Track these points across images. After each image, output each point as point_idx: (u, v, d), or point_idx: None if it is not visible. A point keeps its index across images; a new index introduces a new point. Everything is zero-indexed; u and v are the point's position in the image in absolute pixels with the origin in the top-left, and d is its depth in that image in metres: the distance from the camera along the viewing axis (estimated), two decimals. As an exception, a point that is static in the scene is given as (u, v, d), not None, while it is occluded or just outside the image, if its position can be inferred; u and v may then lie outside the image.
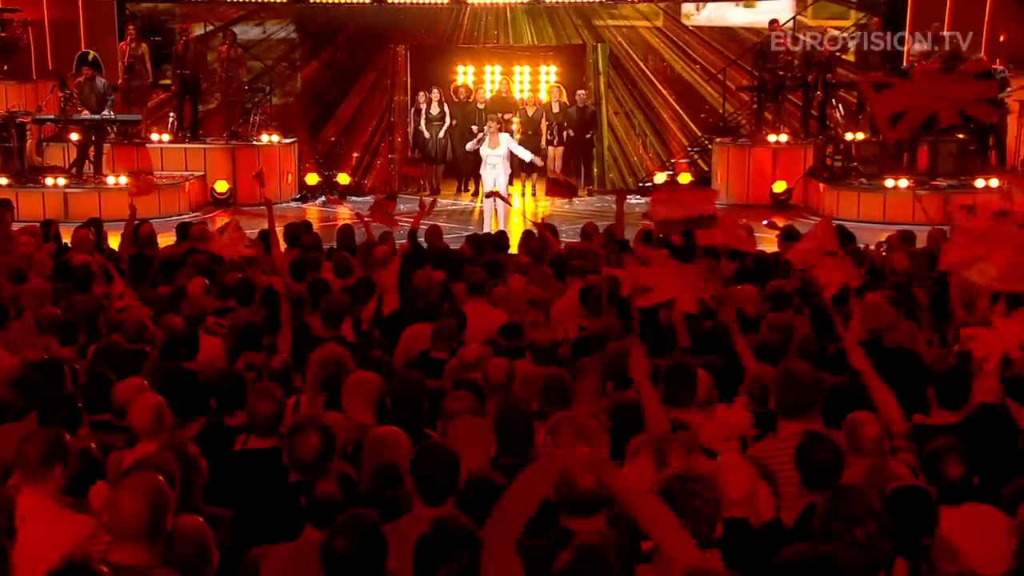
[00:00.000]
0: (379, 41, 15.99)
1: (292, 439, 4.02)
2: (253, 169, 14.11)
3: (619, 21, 15.83)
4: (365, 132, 16.07)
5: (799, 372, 4.45)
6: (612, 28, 15.83)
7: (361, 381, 4.82)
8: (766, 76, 14.35)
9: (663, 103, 15.81)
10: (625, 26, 15.83)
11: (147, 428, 4.36)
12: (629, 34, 15.82)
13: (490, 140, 12.51)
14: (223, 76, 14.68)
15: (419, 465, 3.71)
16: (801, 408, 4.38)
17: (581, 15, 15.92)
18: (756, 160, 14.43)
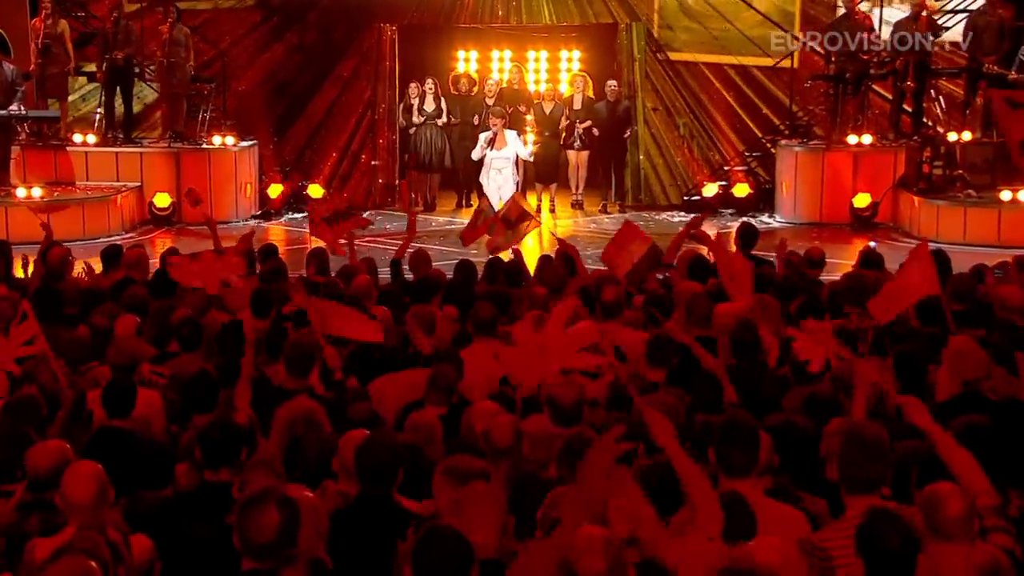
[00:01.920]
0: (360, 20, 16.12)
1: (245, 516, 4.01)
2: (201, 179, 14.41)
3: None
4: (342, 133, 16.23)
5: (869, 435, 4.43)
6: (650, 3, 16.01)
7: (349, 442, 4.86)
8: (845, 62, 14.41)
9: (714, 97, 15.95)
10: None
11: (85, 505, 4.39)
12: (671, 11, 15.98)
13: (496, 139, 12.56)
14: (164, 62, 14.77)
15: (423, 556, 3.72)
16: (872, 482, 4.37)
17: None
18: (832, 167, 14.50)
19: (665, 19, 15.86)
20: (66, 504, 4.43)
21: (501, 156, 12.62)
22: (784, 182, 14.93)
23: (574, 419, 5.42)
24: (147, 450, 5.22)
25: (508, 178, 12.66)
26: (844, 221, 14.07)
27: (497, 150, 12.63)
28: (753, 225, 9.74)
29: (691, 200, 15.48)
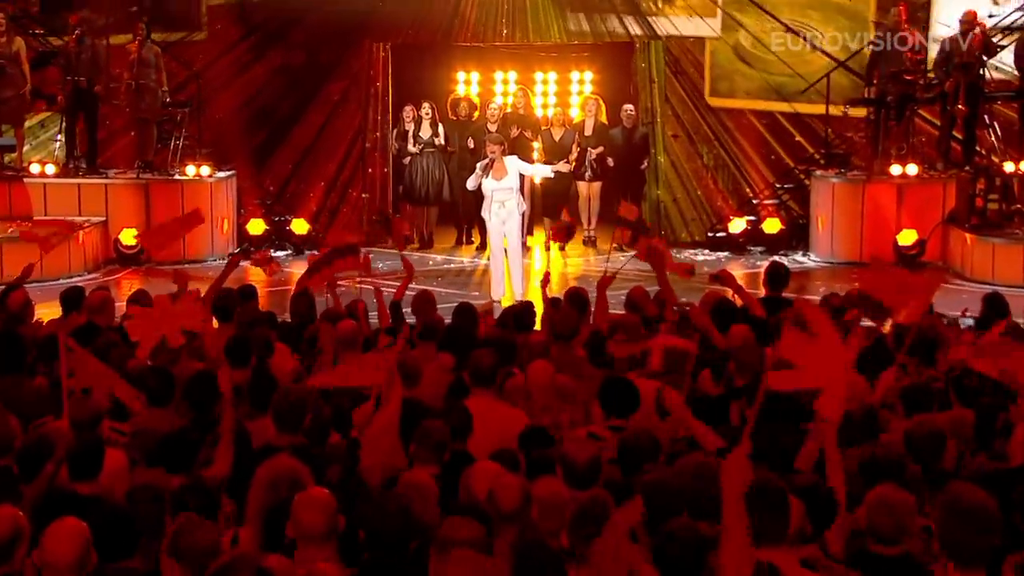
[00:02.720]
0: (350, 38, 16.19)
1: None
2: (171, 213, 14.15)
3: (680, 10, 16.05)
4: (330, 162, 16.29)
5: (974, 502, 4.38)
6: (671, 19, 16.07)
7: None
8: (886, 84, 14.44)
9: (741, 123, 16.03)
10: (689, 16, 16.07)
11: (69, 568, 4.38)
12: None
13: (494, 169, 12.53)
14: (132, 85, 14.81)
15: None
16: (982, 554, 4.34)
17: (627, 1, 16.13)
18: (874, 201, 14.49)
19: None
20: (44, 564, 4.42)
21: (503, 187, 12.51)
22: (820, 217, 14.93)
23: (590, 481, 5.36)
24: (113, 518, 5.15)
25: (513, 211, 12.56)
26: (887, 260, 13.88)
27: (497, 180, 12.53)
28: (783, 265, 9.68)
29: (716, 236, 15.50)
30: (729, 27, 15.79)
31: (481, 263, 14.75)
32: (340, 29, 16.09)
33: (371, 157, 16.27)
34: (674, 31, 16.00)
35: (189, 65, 15.80)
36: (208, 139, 15.62)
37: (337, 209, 16.25)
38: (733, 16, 15.71)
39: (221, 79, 16.10)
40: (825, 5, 15.54)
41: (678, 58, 16.12)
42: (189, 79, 15.75)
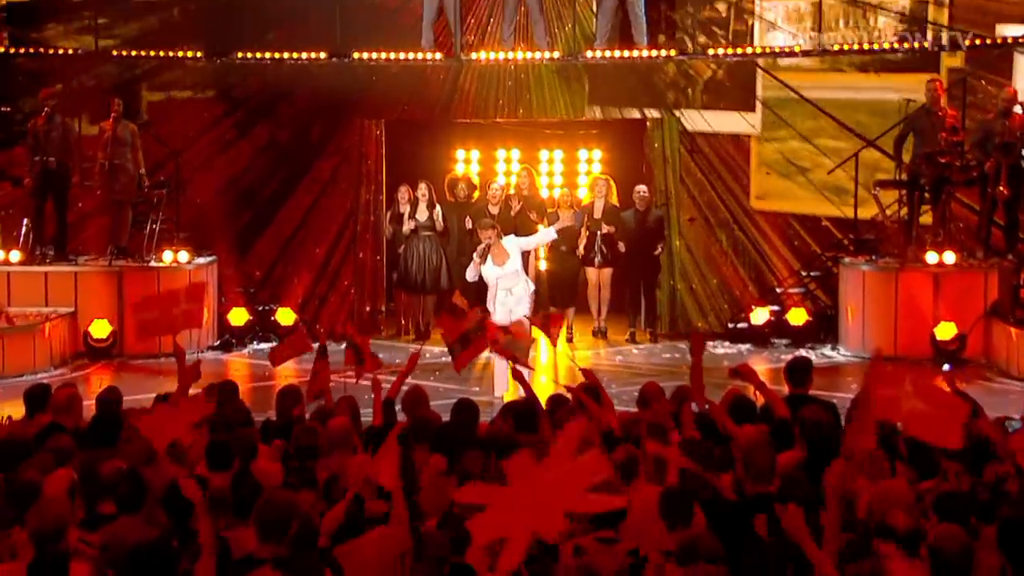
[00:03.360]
0: (341, 114, 16.28)
1: None
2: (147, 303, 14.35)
3: (698, 84, 16.13)
4: (319, 247, 16.31)
5: None
6: (687, 94, 16.13)
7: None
8: (920, 165, 14.44)
9: (760, 197, 16.06)
10: (703, 86, 16.14)
11: None
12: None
13: (493, 254, 12.46)
14: (106, 164, 14.83)
15: None
16: None
17: (638, 75, 16.16)
18: (908, 291, 14.45)
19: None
20: None
21: (507, 272, 12.48)
22: (849, 308, 14.87)
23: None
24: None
25: (522, 297, 12.52)
26: (925, 356, 13.95)
27: (499, 266, 12.50)
28: (807, 359, 9.61)
29: (737, 328, 15.46)
30: (770, 126, 15.97)
31: (481, 356, 14.13)
32: (331, 104, 16.20)
33: (363, 241, 16.34)
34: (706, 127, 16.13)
35: (167, 143, 15.83)
36: (187, 222, 15.66)
37: (326, 297, 16.22)
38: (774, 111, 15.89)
39: (202, 158, 16.18)
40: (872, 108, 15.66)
41: (695, 135, 16.17)
42: (167, 158, 15.77)
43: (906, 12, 15.30)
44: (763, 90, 16.00)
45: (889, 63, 15.47)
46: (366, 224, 16.31)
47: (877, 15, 15.38)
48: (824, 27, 15.37)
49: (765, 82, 15.97)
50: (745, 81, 16.04)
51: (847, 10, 15.46)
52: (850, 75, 15.69)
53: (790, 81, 15.67)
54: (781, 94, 15.80)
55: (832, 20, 15.54)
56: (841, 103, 15.59)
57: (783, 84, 15.64)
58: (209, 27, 15.95)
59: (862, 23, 15.42)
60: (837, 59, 15.62)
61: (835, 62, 15.73)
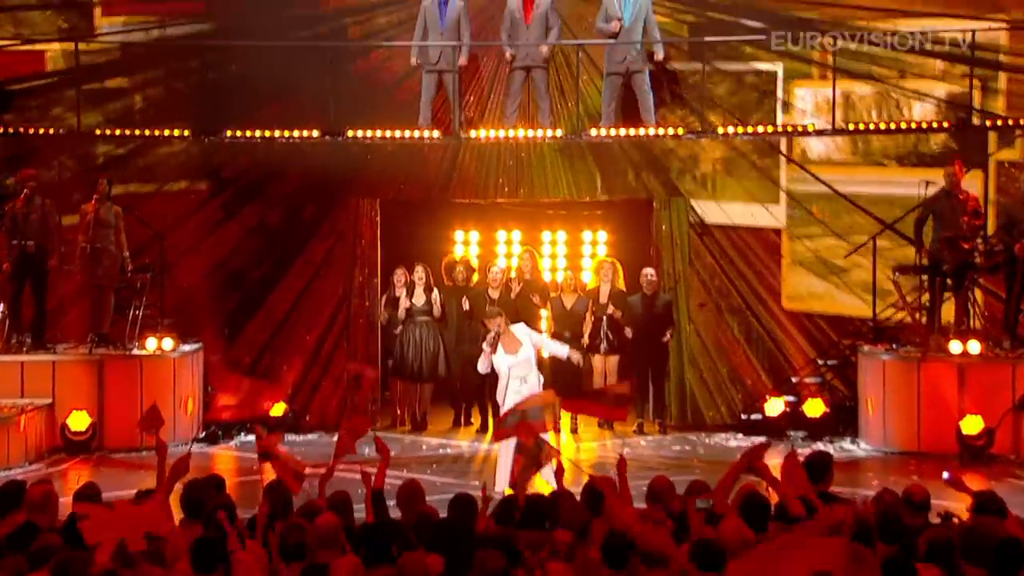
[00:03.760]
0: (335, 194, 16.26)
1: None
2: (128, 394, 14.33)
3: (706, 165, 16.13)
4: (310, 333, 16.17)
5: None
6: (695, 174, 16.12)
7: None
8: (941, 251, 14.32)
9: (777, 289, 15.97)
10: (715, 169, 16.11)
11: None
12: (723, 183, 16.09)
13: (504, 342, 12.22)
14: (87, 248, 14.70)
15: None
16: None
17: (645, 154, 16.15)
18: (931, 382, 14.27)
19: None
20: None
21: (520, 360, 12.19)
22: (869, 399, 14.72)
23: None
24: None
25: (535, 387, 12.22)
26: (950, 451, 13.77)
27: (512, 354, 12.21)
28: (827, 454, 9.44)
29: (750, 420, 15.30)
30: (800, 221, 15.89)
31: (482, 448, 14.62)
32: (324, 184, 16.16)
33: (356, 326, 16.22)
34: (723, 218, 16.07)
35: (152, 225, 15.76)
36: (172, 308, 15.60)
37: (318, 385, 16.09)
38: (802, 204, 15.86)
39: (188, 240, 16.12)
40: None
41: (704, 216, 16.09)
42: (152, 241, 15.73)
43: (947, 98, 15.23)
44: (790, 182, 15.94)
45: (929, 157, 15.33)
46: (360, 309, 16.22)
47: (911, 104, 15.30)
48: (856, 119, 15.39)
49: (792, 174, 15.89)
50: (764, 167, 15.97)
51: (879, 99, 15.39)
52: (889, 170, 15.53)
53: (822, 174, 15.65)
54: (812, 188, 15.75)
55: (863, 111, 15.46)
56: (875, 199, 15.48)
57: (814, 176, 15.65)
58: (196, 105, 15.86)
59: (895, 114, 15.33)
60: (871, 151, 15.53)
61: (867, 153, 15.63)
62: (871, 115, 15.41)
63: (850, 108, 15.44)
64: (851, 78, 15.36)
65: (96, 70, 15.93)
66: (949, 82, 15.13)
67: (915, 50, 14.88)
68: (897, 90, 15.38)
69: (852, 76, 15.34)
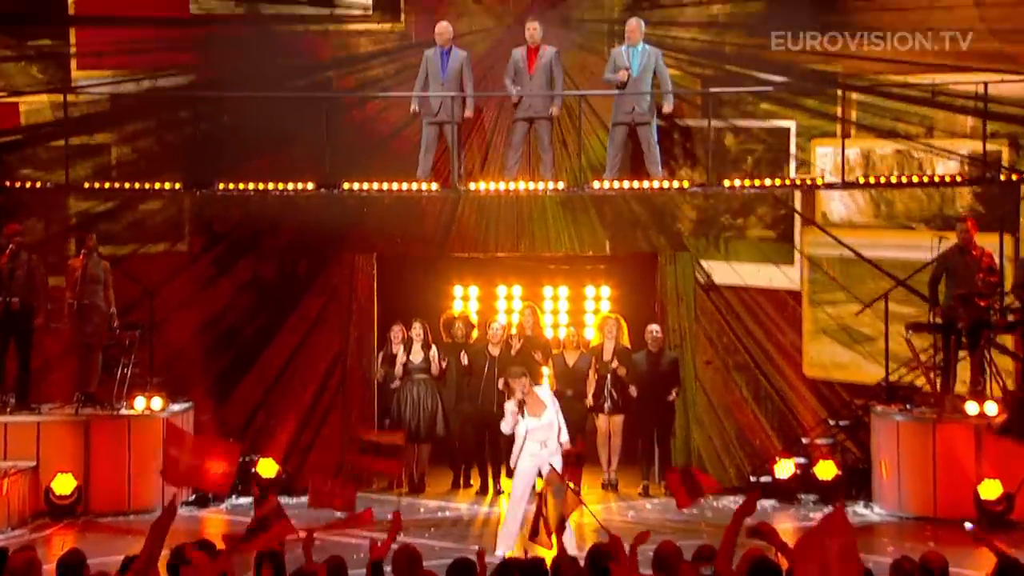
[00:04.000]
0: (330, 248, 16.22)
1: None
2: (115, 456, 14.20)
3: (716, 224, 16.07)
4: (305, 391, 16.13)
5: None
6: (706, 234, 16.12)
7: None
8: (956, 308, 14.17)
9: (786, 345, 15.87)
10: (723, 226, 16.05)
11: None
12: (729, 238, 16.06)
13: (528, 404, 12.24)
14: (74, 305, 14.59)
15: None
16: None
17: (650, 208, 16.09)
18: (947, 444, 14.06)
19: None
20: None
21: (543, 424, 12.26)
22: (883, 461, 14.49)
23: None
24: None
25: (556, 451, 12.26)
26: (968, 516, 13.43)
27: (536, 417, 12.27)
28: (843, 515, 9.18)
29: (760, 482, 15.05)
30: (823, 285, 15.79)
31: (482, 511, 14.60)
32: (319, 238, 16.14)
33: (351, 384, 16.18)
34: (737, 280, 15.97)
35: (141, 281, 15.67)
36: (161, 366, 15.51)
37: (311, 446, 16.01)
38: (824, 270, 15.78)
39: (179, 296, 16.04)
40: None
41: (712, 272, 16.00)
42: (141, 297, 15.63)
43: (974, 156, 15.05)
44: (810, 246, 15.82)
45: (956, 220, 14.98)
46: (356, 366, 16.19)
47: (934, 163, 15.16)
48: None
49: (813, 237, 15.76)
50: (779, 227, 15.90)
51: (901, 159, 15.30)
52: (914, 233, 15.36)
53: (843, 238, 15.56)
54: (834, 252, 15.59)
55: (884, 170, 15.34)
56: (899, 263, 15.29)
57: (835, 239, 15.53)
58: (187, 157, 15.79)
59: (917, 175, 15.20)
60: (894, 213, 15.43)
61: (891, 215, 15.51)
62: (893, 175, 15.28)
63: (871, 167, 15.31)
64: (874, 135, 15.28)
65: (85, 122, 15.87)
66: (976, 139, 14.96)
67: (934, 103, 14.91)
68: (921, 148, 15.28)
69: (875, 132, 15.26)
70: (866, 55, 15.43)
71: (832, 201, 15.52)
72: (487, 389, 15.08)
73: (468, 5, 16.13)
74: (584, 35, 16.06)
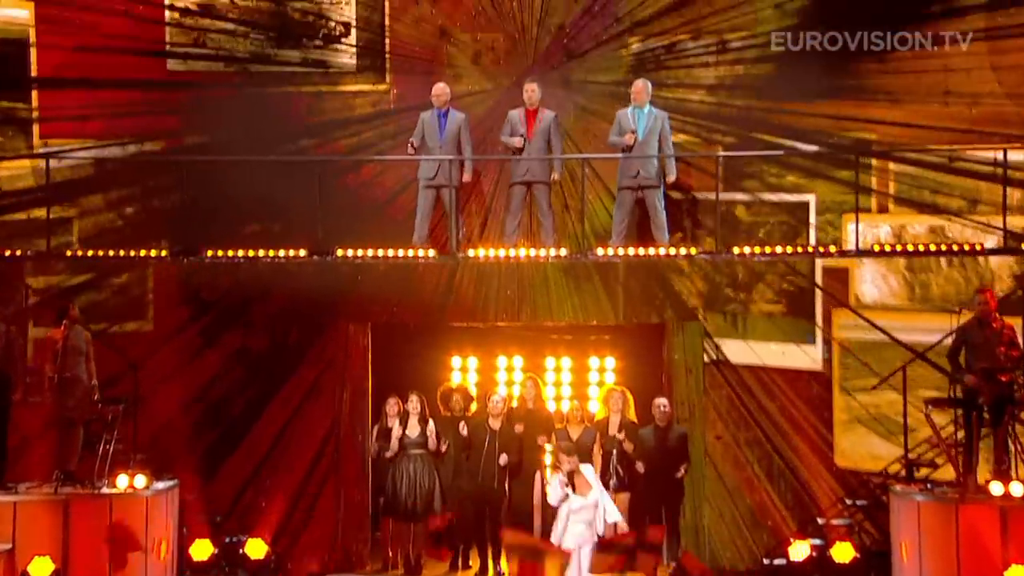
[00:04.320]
0: (323, 317, 16.19)
1: None
2: (96, 537, 13.77)
3: (732, 302, 16.09)
4: (296, 468, 16.07)
5: None
6: (709, 296, 16.09)
7: None
8: (976, 382, 13.90)
9: (802, 423, 15.75)
10: (733, 295, 16.03)
11: None
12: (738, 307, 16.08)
13: (576, 482, 12.44)
14: (54, 378, 14.36)
15: None
16: None
17: (656, 276, 16.09)
18: (970, 526, 13.61)
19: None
20: None
21: (588, 503, 12.44)
22: (903, 544, 14.12)
23: None
24: None
25: (594, 535, 12.37)
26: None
27: (583, 496, 12.46)
28: None
29: (773, 565, 14.92)
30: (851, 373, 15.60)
31: None
32: (311, 307, 16.08)
33: (345, 460, 16.09)
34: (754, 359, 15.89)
35: (125, 352, 15.53)
36: (145, 442, 15.26)
37: (304, 526, 15.96)
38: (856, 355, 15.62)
39: (164, 369, 15.98)
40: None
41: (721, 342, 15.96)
42: (125, 371, 15.43)
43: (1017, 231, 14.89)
44: (841, 329, 15.67)
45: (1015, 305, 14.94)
46: (349, 441, 16.10)
47: (974, 240, 14.93)
48: (920, 268, 15.28)
49: (843, 320, 15.59)
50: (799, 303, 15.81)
51: (935, 237, 15.12)
52: (952, 317, 14.94)
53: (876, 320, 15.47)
54: (867, 336, 15.45)
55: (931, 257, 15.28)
56: (938, 349, 14.98)
57: (868, 321, 15.43)
58: (174, 223, 15.65)
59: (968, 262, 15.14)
60: (930, 296, 15.31)
61: (926, 298, 15.35)
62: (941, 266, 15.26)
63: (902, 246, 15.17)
64: (911, 208, 15.18)
65: (69, 188, 15.79)
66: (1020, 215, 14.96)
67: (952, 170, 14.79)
68: (959, 223, 15.13)
69: (913, 206, 15.18)
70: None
71: (864, 283, 15.39)
72: (487, 465, 14.83)
73: (466, 66, 16.06)
74: (587, 96, 16.00)
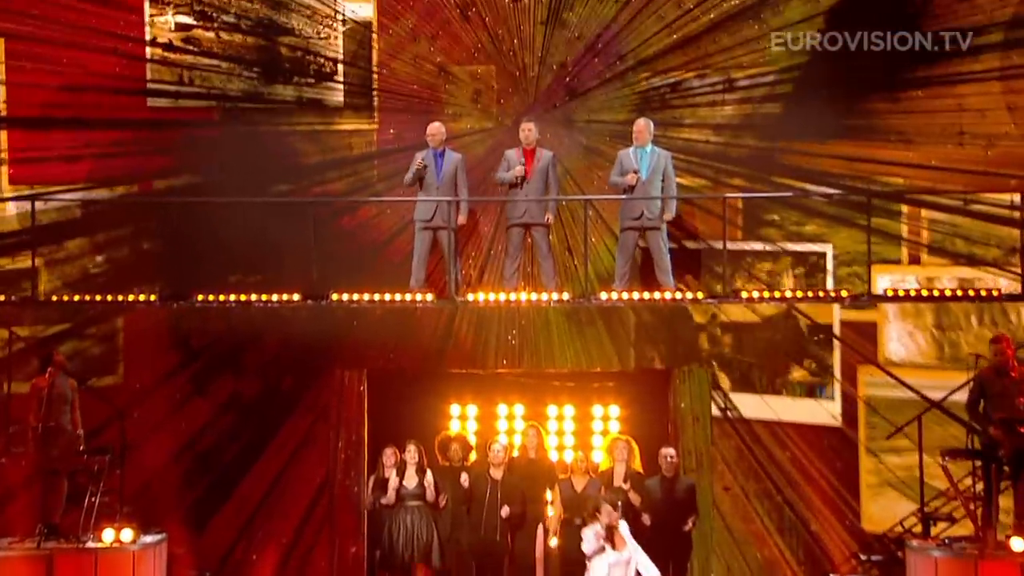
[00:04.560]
0: (317, 364, 16.13)
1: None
2: None
3: (745, 353, 16.00)
4: (289, 520, 15.99)
5: None
6: (720, 340, 16.00)
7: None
8: (994, 433, 13.73)
9: (815, 475, 15.63)
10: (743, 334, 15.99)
11: None
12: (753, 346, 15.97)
13: (616, 536, 12.46)
14: (39, 428, 14.25)
15: None
16: None
17: (662, 321, 15.99)
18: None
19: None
20: None
21: (622, 561, 12.46)
22: None
23: None
24: None
25: None
26: None
27: (618, 552, 12.49)
28: None
29: None
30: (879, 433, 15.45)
31: None
32: (305, 353, 16.01)
33: (340, 511, 15.98)
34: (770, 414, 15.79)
35: (112, 401, 15.44)
36: (132, 494, 15.08)
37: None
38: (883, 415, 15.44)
39: (152, 418, 15.89)
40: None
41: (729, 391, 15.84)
42: (111, 420, 15.31)
43: None
44: (868, 387, 15.48)
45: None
46: (344, 492, 15.99)
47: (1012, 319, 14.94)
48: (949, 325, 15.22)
49: (869, 377, 15.45)
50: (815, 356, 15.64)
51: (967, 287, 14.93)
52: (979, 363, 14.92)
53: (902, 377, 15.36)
54: (895, 394, 15.27)
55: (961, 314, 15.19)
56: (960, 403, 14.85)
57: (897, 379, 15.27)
58: (164, 267, 15.73)
59: (1000, 319, 14.96)
60: (960, 355, 15.08)
61: (956, 358, 15.17)
62: (970, 321, 15.13)
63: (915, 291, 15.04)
64: (945, 258, 15.12)
65: (56, 230, 15.71)
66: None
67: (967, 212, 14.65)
68: (990, 275, 15.05)
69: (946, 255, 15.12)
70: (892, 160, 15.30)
71: (891, 342, 15.24)
72: (489, 516, 14.54)
73: (465, 104, 15.98)
74: (590, 136, 15.93)
